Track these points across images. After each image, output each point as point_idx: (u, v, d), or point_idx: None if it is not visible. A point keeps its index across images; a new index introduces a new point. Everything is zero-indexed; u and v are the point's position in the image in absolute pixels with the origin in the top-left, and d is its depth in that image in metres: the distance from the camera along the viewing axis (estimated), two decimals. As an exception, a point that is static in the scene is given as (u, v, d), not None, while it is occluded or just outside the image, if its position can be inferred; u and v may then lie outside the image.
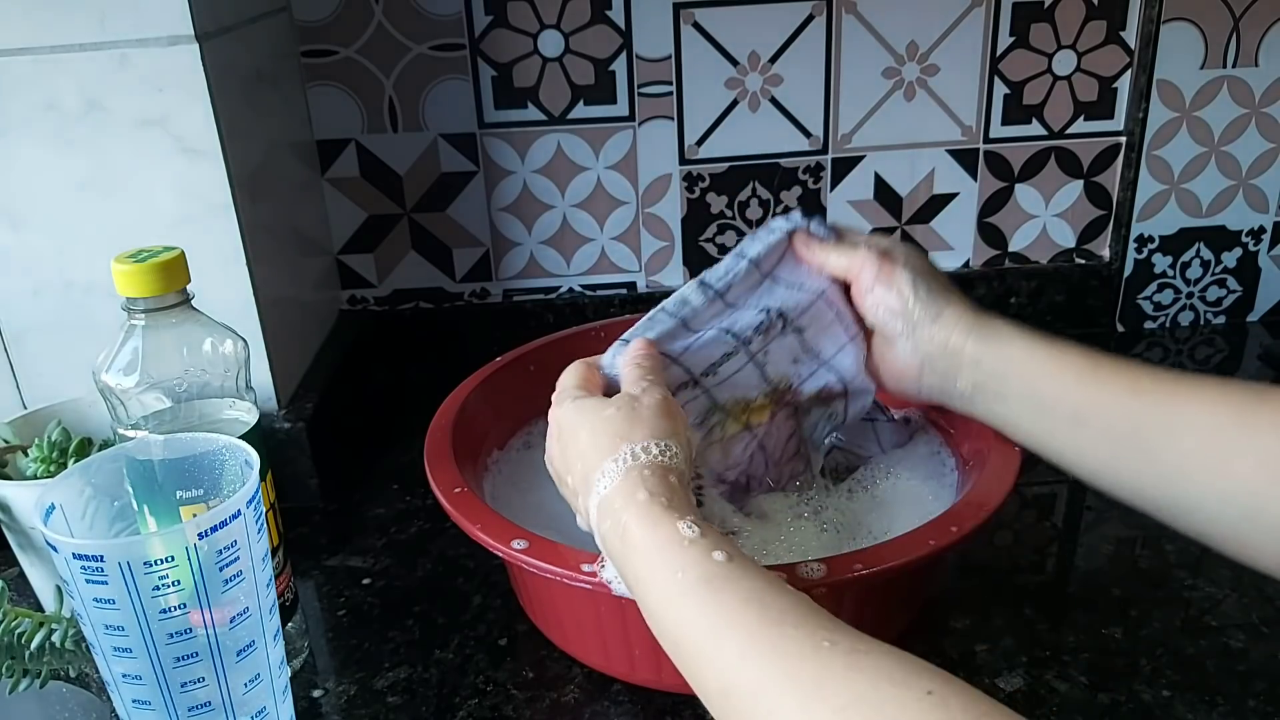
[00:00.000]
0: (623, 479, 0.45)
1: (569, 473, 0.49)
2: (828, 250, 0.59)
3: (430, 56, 0.88)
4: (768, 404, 0.58)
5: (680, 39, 0.89)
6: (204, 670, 0.43)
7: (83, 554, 0.40)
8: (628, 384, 0.52)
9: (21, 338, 0.71)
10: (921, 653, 0.34)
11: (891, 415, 0.66)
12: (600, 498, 0.45)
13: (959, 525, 0.51)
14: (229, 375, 0.54)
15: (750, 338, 0.58)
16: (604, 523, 0.45)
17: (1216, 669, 0.56)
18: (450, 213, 0.94)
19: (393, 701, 0.56)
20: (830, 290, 0.60)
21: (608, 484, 0.45)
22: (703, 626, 0.38)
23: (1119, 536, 0.68)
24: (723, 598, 0.38)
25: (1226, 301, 1.01)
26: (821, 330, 0.60)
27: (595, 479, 0.46)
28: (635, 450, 0.46)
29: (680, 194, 0.95)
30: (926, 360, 0.56)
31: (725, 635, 0.37)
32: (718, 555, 0.40)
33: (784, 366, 0.59)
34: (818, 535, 0.58)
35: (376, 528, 0.72)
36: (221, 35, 0.67)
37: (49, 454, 0.62)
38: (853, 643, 0.35)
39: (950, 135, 0.94)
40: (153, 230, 0.67)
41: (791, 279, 0.60)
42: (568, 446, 0.49)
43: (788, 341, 0.59)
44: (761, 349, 0.58)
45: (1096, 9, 0.90)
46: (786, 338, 0.59)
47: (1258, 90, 0.92)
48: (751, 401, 0.58)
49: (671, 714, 0.54)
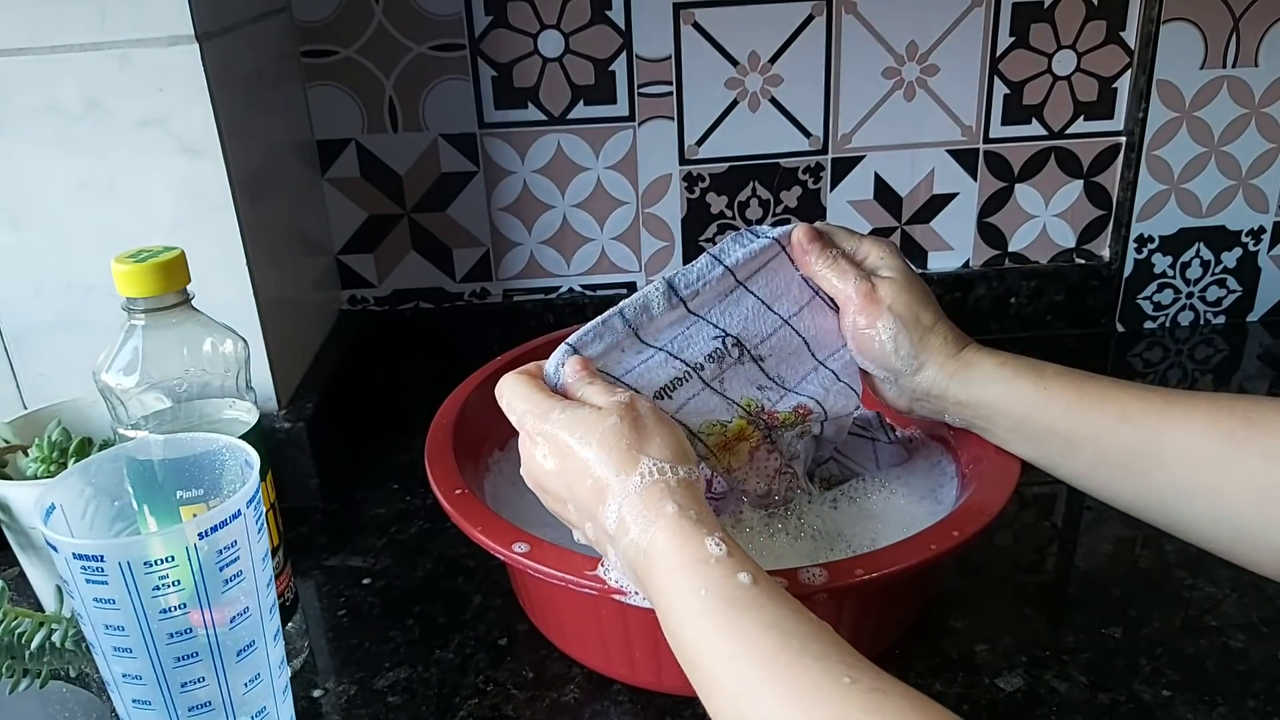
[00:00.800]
0: (646, 491, 0.44)
1: (572, 488, 0.47)
2: (824, 264, 0.58)
3: (430, 56, 0.88)
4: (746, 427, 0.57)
5: (680, 39, 0.89)
6: (204, 670, 0.43)
7: (83, 554, 0.40)
8: (599, 393, 0.49)
9: (21, 338, 0.71)
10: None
11: (893, 437, 0.65)
12: (620, 511, 0.44)
13: (960, 530, 0.51)
14: (229, 375, 0.54)
15: (702, 364, 0.56)
16: (624, 536, 0.44)
17: (1216, 669, 0.56)
18: (450, 213, 0.94)
19: (393, 701, 0.56)
20: (807, 311, 0.59)
21: (630, 496, 0.44)
22: (723, 651, 0.38)
23: (1119, 536, 0.68)
24: (745, 622, 0.38)
25: (1226, 301, 1.01)
26: (785, 358, 0.59)
27: (613, 492, 0.45)
28: (659, 463, 0.45)
29: (680, 194, 0.95)
30: (914, 400, 0.58)
31: (744, 662, 0.37)
32: (743, 577, 0.40)
33: (749, 391, 0.58)
34: (791, 544, 0.58)
35: (376, 528, 0.72)
36: (222, 35, 0.67)
37: (49, 454, 0.62)
38: (873, 680, 0.35)
39: (950, 135, 0.94)
40: (153, 230, 0.67)
41: (766, 293, 0.58)
42: (567, 460, 0.47)
43: (746, 370, 0.58)
44: (716, 377, 0.57)
45: (1096, 9, 0.90)
46: (745, 366, 0.58)
47: (1258, 90, 0.92)
48: (727, 424, 0.56)
49: (671, 714, 0.54)
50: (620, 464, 0.45)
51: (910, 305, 0.56)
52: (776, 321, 0.59)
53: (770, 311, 0.58)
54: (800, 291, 0.59)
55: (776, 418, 0.58)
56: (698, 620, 0.39)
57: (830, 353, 0.60)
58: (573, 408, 0.48)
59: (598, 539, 0.47)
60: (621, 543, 0.44)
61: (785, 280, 0.59)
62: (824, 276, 0.58)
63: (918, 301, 0.57)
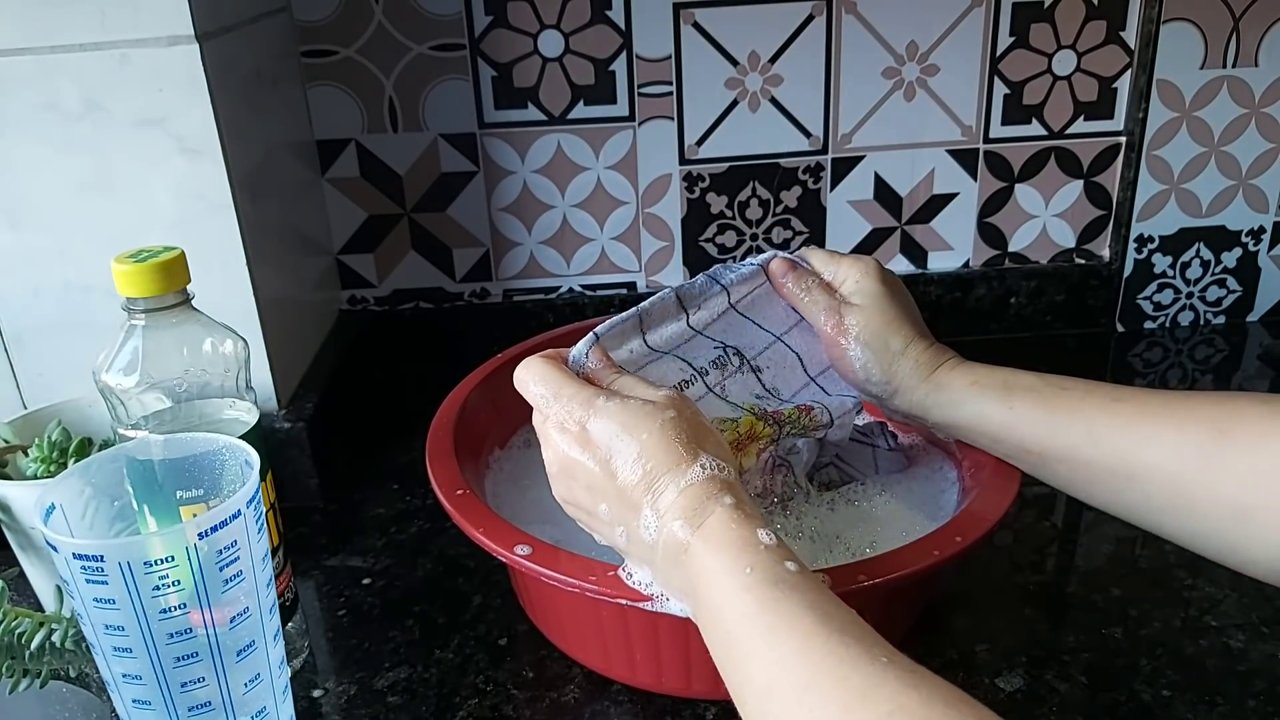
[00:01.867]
0: (706, 483, 0.44)
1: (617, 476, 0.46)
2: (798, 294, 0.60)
3: (430, 56, 0.88)
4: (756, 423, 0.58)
5: (680, 39, 0.89)
6: (204, 670, 0.43)
7: (83, 554, 0.40)
8: (640, 385, 0.49)
9: (21, 338, 0.71)
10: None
11: (893, 444, 0.66)
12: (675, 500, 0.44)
13: (963, 535, 0.51)
14: (229, 375, 0.54)
15: (706, 369, 0.58)
16: (672, 522, 0.44)
17: (1216, 669, 0.56)
18: (450, 213, 0.94)
19: (393, 701, 0.56)
20: (796, 331, 0.61)
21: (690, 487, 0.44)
22: (761, 623, 0.38)
23: (1119, 536, 0.68)
24: (787, 600, 0.39)
25: (1226, 301, 1.01)
26: (780, 371, 0.61)
27: (668, 481, 0.45)
28: (715, 460, 0.45)
29: (680, 194, 0.95)
30: (905, 419, 0.59)
31: (782, 633, 0.38)
32: (790, 565, 0.40)
33: (748, 399, 0.59)
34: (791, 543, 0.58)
35: (376, 528, 0.72)
36: (221, 35, 0.67)
37: (49, 454, 0.62)
38: (909, 665, 0.35)
39: (950, 135, 0.94)
40: (153, 230, 0.67)
41: (757, 315, 0.61)
42: (618, 452, 0.46)
43: (746, 380, 0.60)
44: (719, 383, 0.58)
45: (1096, 9, 0.90)
46: (745, 376, 0.59)
47: (1258, 90, 0.92)
48: (737, 421, 0.57)
49: (671, 714, 0.54)
50: (680, 457, 0.45)
51: (878, 333, 0.57)
52: (769, 338, 0.61)
53: (763, 330, 0.61)
54: (787, 315, 0.61)
55: (781, 415, 0.59)
56: (741, 594, 0.40)
57: (822, 370, 0.62)
58: (620, 398, 0.48)
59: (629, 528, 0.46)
60: (665, 529, 0.44)
61: (773, 305, 0.61)
62: (801, 306, 0.60)
63: (887, 326, 0.57)
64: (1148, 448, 0.47)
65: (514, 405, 0.70)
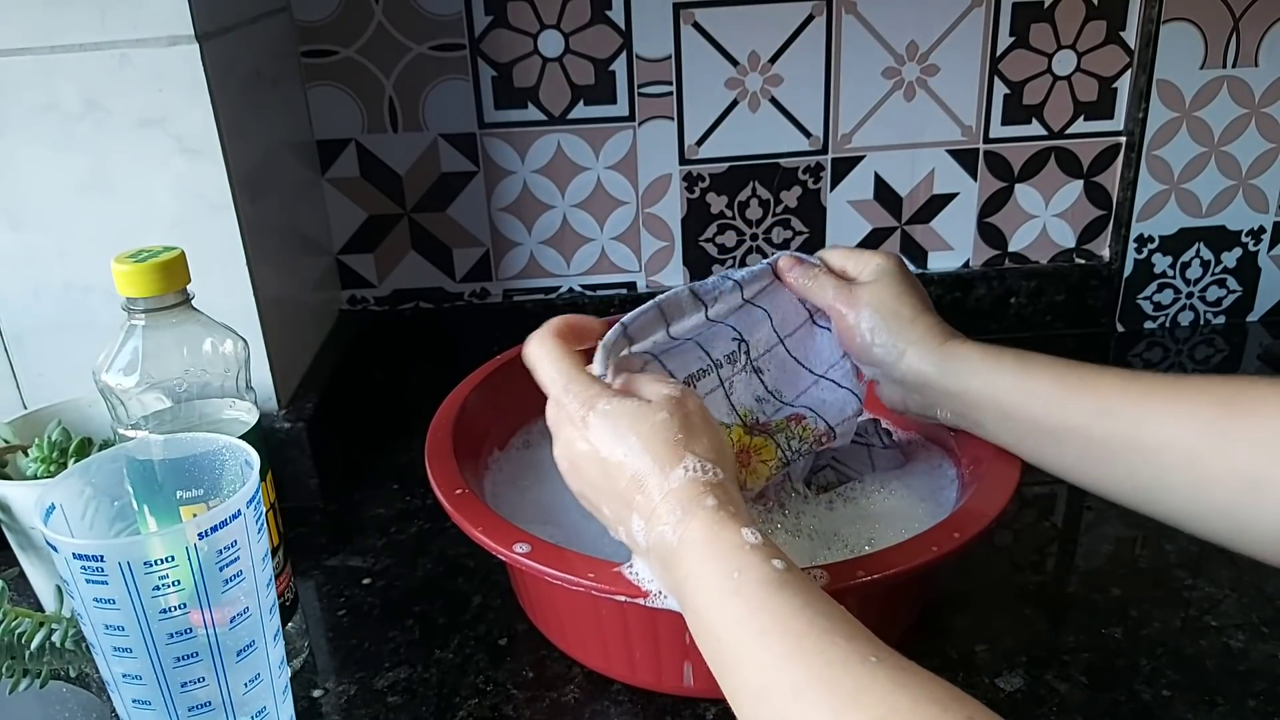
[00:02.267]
0: (688, 486, 0.44)
1: (611, 476, 0.47)
2: (806, 280, 0.60)
3: (430, 56, 0.88)
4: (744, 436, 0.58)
5: (680, 39, 0.89)
6: (204, 670, 0.43)
7: (83, 554, 0.40)
8: (649, 383, 0.50)
9: (21, 338, 0.71)
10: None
11: (889, 441, 0.66)
12: (660, 503, 0.44)
13: (961, 531, 0.51)
14: (229, 375, 0.54)
15: (721, 361, 0.58)
16: (658, 525, 0.44)
17: (1216, 669, 0.56)
18: (450, 213, 0.94)
19: (393, 701, 0.56)
20: (803, 331, 0.61)
21: (672, 490, 0.44)
22: (752, 625, 0.38)
23: (1119, 536, 0.68)
24: (776, 601, 0.39)
25: (1226, 301, 1.01)
26: (781, 373, 0.61)
27: (653, 484, 0.45)
28: (702, 461, 0.45)
29: (680, 194, 0.95)
30: (905, 393, 0.59)
31: (773, 635, 0.38)
32: (777, 564, 0.40)
33: (748, 401, 0.59)
34: (790, 542, 0.58)
35: (376, 528, 0.72)
36: (221, 35, 0.67)
37: (49, 454, 0.62)
38: (898, 663, 0.35)
39: (950, 135, 0.94)
40: (153, 230, 0.67)
41: (769, 307, 0.61)
42: (612, 454, 0.47)
43: (749, 380, 0.60)
44: (729, 378, 0.59)
45: (1096, 9, 0.90)
46: (749, 376, 0.60)
47: (1258, 90, 0.92)
48: (729, 429, 0.58)
49: (671, 714, 0.54)
50: (665, 458, 0.45)
51: (889, 300, 0.58)
52: (774, 339, 0.61)
53: (772, 328, 0.61)
54: (797, 313, 0.62)
55: (770, 425, 0.59)
56: (729, 599, 0.40)
57: (829, 365, 0.62)
58: (619, 398, 0.48)
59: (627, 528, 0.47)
60: (654, 532, 0.44)
61: (783, 301, 0.61)
62: (808, 291, 0.60)
63: (898, 298, 0.58)
64: (1161, 421, 0.47)
65: (514, 406, 0.71)
